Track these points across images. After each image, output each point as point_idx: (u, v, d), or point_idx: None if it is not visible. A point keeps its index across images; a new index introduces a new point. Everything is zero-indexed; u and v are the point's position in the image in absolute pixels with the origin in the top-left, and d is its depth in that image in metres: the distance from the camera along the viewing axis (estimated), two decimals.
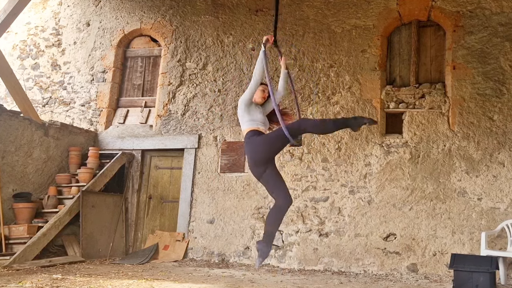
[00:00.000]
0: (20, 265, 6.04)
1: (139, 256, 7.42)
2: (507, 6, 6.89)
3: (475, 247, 6.34)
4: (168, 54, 8.63)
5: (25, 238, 6.67)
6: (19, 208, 7.01)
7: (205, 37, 8.45)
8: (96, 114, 8.87)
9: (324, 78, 7.59)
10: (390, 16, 7.48)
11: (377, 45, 7.43)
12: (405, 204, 6.81)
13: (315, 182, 7.28)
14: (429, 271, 6.50)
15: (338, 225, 7.04)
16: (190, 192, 7.88)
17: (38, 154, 7.69)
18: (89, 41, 9.24)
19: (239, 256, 7.40)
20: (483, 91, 6.81)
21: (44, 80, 9.38)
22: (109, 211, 7.79)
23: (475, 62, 6.91)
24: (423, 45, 7.46)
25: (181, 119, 8.30)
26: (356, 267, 6.81)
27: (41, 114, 8.92)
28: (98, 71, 9.04)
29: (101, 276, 5.66)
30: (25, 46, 9.69)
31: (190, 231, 7.74)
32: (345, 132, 7.27)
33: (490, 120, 6.70)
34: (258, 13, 8.22)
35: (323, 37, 7.73)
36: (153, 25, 8.87)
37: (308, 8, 7.91)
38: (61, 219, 6.97)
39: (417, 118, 7.03)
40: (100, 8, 9.31)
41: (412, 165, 6.89)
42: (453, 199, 6.62)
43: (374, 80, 7.34)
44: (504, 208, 6.39)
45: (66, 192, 7.67)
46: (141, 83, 8.99)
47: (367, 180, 7.05)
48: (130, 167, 8.32)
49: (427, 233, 6.63)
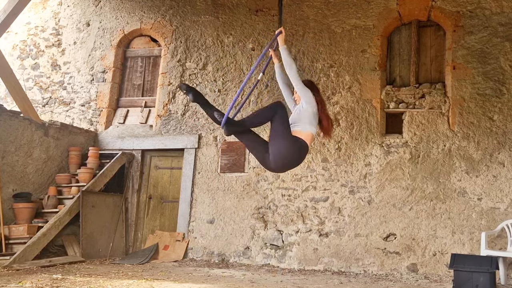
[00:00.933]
0: (20, 265, 6.04)
1: (139, 256, 7.42)
2: (507, 6, 6.89)
3: (475, 247, 6.34)
4: (168, 54, 8.63)
5: (25, 238, 6.67)
6: (19, 208, 7.01)
7: (205, 37, 8.45)
8: (96, 114, 8.88)
9: (324, 78, 7.59)
10: (390, 16, 7.48)
11: (377, 45, 7.43)
12: (405, 204, 6.81)
13: (315, 182, 7.28)
14: (429, 271, 6.50)
15: (338, 225, 7.04)
16: (190, 192, 7.88)
17: (38, 154, 7.69)
18: (89, 41, 9.24)
19: (239, 256, 7.40)
20: (483, 91, 6.81)
21: (44, 80, 9.38)
22: (109, 211, 7.79)
23: (475, 62, 6.91)
24: (423, 45, 7.46)
25: (181, 119, 8.30)
26: (356, 267, 6.81)
27: (41, 114, 8.93)
28: (98, 71, 9.04)
29: (101, 276, 5.66)
30: (25, 46, 9.69)
31: (190, 231, 7.74)
32: (345, 132, 7.27)
33: (490, 120, 6.70)
34: (258, 13, 8.22)
35: (323, 37, 7.73)
36: (153, 25, 8.87)
37: (308, 8, 7.91)
38: (61, 219, 6.97)
39: (417, 118, 7.03)
40: (100, 8, 9.31)
41: (412, 165, 6.89)
42: (453, 199, 6.62)
43: (374, 80, 7.34)
44: (504, 208, 6.39)
45: (66, 192, 7.67)
46: (141, 83, 8.99)
47: (367, 180, 7.05)
48: (130, 167, 8.32)
49: (427, 233, 6.63)
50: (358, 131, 7.23)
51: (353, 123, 7.28)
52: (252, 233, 7.41)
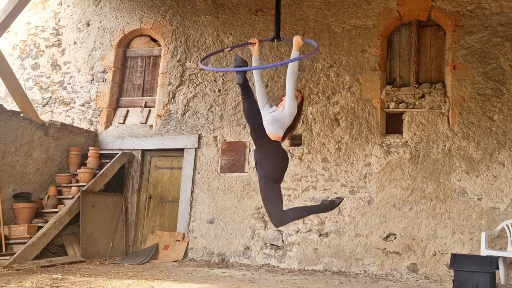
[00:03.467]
0: (20, 265, 6.04)
1: (139, 256, 7.42)
2: (507, 6, 6.89)
3: (475, 247, 6.34)
4: (168, 54, 8.63)
5: (25, 238, 6.67)
6: (19, 208, 7.02)
7: (205, 37, 8.46)
8: (96, 114, 8.88)
9: (324, 78, 7.59)
10: (390, 16, 7.48)
11: (377, 45, 7.43)
12: (405, 204, 6.81)
13: (315, 182, 7.28)
14: (429, 271, 6.50)
15: (338, 225, 7.04)
16: (190, 192, 7.88)
17: (38, 154, 7.69)
18: (89, 41, 9.25)
19: (239, 256, 7.40)
20: (483, 91, 6.81)
21: (44, 80, 9.38)
22: (109, 211, 7.79)
23: (475, 62, 6.91)
24: (423, 45, 7.46)
25: (181, 119, 8.30)
26: (356, 267, 6.81)
27: (41, 114, 8.93)
28: (98, 71, 9.04)
29: (101, 276, 5.66)
30: (25, 46, 9.69)
31: (190, 231, 7.74)
32: (345, 132, 7.27)
33: (490, 120, 6.70)
34: (258, 13, 8.22)
35: (323, 37, 7.73)
36: (153, 25, 8.87)
37: (308, 8, 7.91)
38: (61, 219, 6.97)
39: (417, 118, 7.03)
40: (100, 8, 9.31)
41: (412, 165, 6.89)
42: (453, 199, 6.62)
43: (374, 80, 7.34)
44: (504, 208, 6.39)
45: (66, 192, 7.67)
46: (141, 83, 8.99)
47: (367, 180, 7.05)
48: (130, 167, 8.32)
49: (427, 233, 6.63)
50: (358, 131, 7.23)
51: (353, 123, 7.28)
52: (252, 233, 7.41)
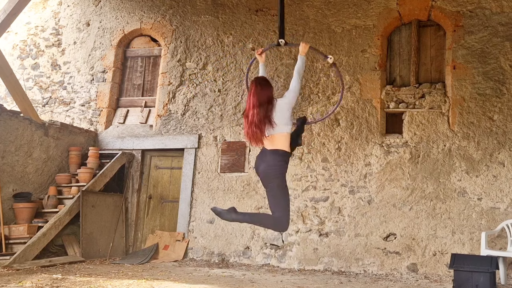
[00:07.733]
0: (20, 265, 6.04)
1: (139, 256, 7.42)
2: (507, 6, 6.89)
3: (475, 247, 6.35)
4: (168, 54, 8.63)
5: (25, 238, 6.67)
6: (19, 208, 7.02)
7: (205, 37, 8.45)
8: (96, 114, 8.88)
9: (324, 78, 7.59)
10: (390, 16, 7.48)
11: (377, 45, 7.43)
12: (405, 204, 6.81)
13: (315, 182, 7.28)
14: (429, 271, 6.50)
15: (338, 225, 7.04)
16: (190, 192, 7.88)
17: (38, 154, 7.69)
18: (89, 41, 9.25)
19: (239, 256, 7.40)
20: (483, 91, 6.81)
21: (44, 80, 9.38)
22: (109, 211, 7.79)
23: (475, 62, 6.90)
24: (423, 45, 7.46)
25: (181, 119, 8.30)
26: (356, 267, 6.81)
27: (41, 114, 8.93)
28: (98, 71, 9.04)
29: (101, 276, 5.66)
30: (25, 46, 9.69)
31: (190, 231, 7.74)
32: (345, 132, 7.27)
33: (490, 120, 6.70)
34: (258, 13, 8.22)
35: (323, 37, 7.73)
36: (153, 25, 8.87)
37: (308, 8, 7.91)
38: (61, 219, 6.97)
39: (417, 118, 7.03)
40: (100, 8, 9.31)
41: (412, 165, 6.89)
42: (453, 199, 6.62)
43: (374, 80, 7.34)
44: (504, 208, 6.39)
45: (66, 192, 7.67)
46: (141, 83, 8.99)
47: (367, 180, 7.05)
48: (130, 167, 8.32)
49: (427, 233, 6.63)
50: (358, 131, 7.23)
51: (353, 123, 7.28)
52: (252, 233, 7.41)
